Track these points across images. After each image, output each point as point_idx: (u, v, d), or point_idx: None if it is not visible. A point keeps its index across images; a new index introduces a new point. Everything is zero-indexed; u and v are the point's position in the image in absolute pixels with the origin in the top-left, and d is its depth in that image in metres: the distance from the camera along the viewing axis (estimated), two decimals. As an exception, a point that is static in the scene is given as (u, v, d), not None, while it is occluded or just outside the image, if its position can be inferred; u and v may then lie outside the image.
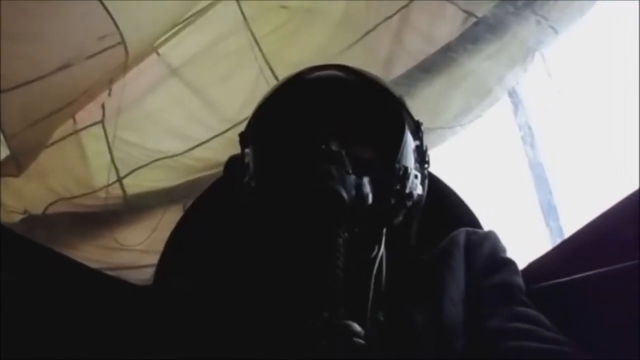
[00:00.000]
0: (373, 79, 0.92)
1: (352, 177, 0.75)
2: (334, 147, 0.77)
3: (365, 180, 0.76)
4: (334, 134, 0.80)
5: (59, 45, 2.15)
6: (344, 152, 0.77)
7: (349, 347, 0.61)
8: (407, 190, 0.82)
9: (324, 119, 0.83)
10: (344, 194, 0.71)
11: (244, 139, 0.91)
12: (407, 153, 0.84)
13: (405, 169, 0.82)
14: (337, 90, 0.88)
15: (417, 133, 0.90)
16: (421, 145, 0.90)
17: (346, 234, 0.70)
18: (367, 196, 0.75)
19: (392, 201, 0.80)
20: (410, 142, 0.86)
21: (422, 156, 0.89)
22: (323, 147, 0.77)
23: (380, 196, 0.78)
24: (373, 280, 0.75)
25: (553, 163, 2.52)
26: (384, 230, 0.79)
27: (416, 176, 0.85)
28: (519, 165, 2.55)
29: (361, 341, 0.61)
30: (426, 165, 0.91)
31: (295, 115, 0.85)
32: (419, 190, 0.86)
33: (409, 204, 0.83)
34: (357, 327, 0.62)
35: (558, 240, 1.09)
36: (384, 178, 0.80)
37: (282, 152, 0.83)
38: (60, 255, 0.99)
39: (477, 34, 2.45)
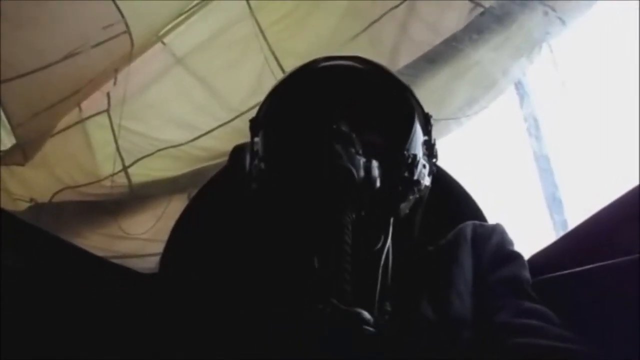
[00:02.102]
0: (386, 70, 0.92)
1: (362, 159, 0.75)
2: (344, 128, 0.77)
3: (374, 163, 0.77)
4: (344, 117, 0.80)
5: (64, 34, 2.16)
6: (354, 135, 0.77)
7: (360, 335, 0.61)
8: (415, 178, 0.82)
9: (334, 104, 0.84)
10: (354, 171, 0.72)
11: (255, 125, 0.91)
12: (416, 143, 0.85)
13: (414, 156, 0.83)
14: (348, 77, 0.89)
15: (427, 127, 0.90)
16: (430, 139, 0.90)
17: (354, 215, 0.71)
18: (375, 179, 0.76)
19: (400, 188, 0.80)
20: (419, 133, 0.87)
21: (430, 150, 0.89)
22: (334, 127, 0.78)
23: (388, 181, 0.78)
24: (381, 271, 0.75)
25: (558, 155, 2.50)
26: (391, 221, 0.79)
27: (424, 166, 0.85)
28: (524, 157, 2.54)
29: (371, 329, 0.62)
30: (434, 160, 0.91)
31: (307, 101, 0.86)
32: (426, 181, 0.86)
33: (416, 193, 0.83)
34: (367, 315, 0.62)
35: (562, 233, 1.08)
36: (393, 164, 0.80)
37: (292, 134, 0.83)
38: (67, 242, 0.99)
39: (483, 24, 2.43)
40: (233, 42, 2.66)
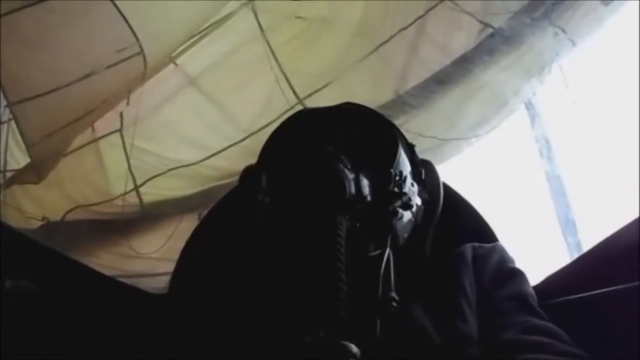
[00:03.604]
0: (372, 110, 0.98)
1: (352, 175, 0.78)
2: (334, 150, 0.82)
3: (364, 180, 0.80)
4: (333, 142, 0.85)
5: (78, 55, 2.19)
6: (343, 156, 0.81)
7: None
8: (404, 192, 0.84)
9: (326, 136, 0.89)
10: (345, 182, 0.76)
11: (257, 167, 0.95)
12: (402, 164, 0.88)
13: (401, 172, 0.85)
14: (336, 116, 0.94)
15: (412, 157, 0.93)
16: (416, 168, 0.92)
17: (348, 224, 0.73)
18: (365, 192, 0.79)
19: (390, 200, 0.82)
20: (405, 159, 0.90)
21: (419, 177, 0.91)
22: (325, 148, 0.82)
23: (378, 195, 0.80)
24: (382, 276, 0.75)
25: (571, 176, 2.48)
26: (389, 236, 0.80)
27: (412, 184, 0.87)
28: (536, 178, 2.52)
29: None
30: (423, 183, 0.92)
31: (301, 139, 0.90)
32: (417, 200, 0.87)
33: (407, 209, 0.84)
34: (353, 348, 0.62)
35: (576, 255, 1.07)
36: (381, 179, 0.83)
37: (289, 165, 0.86)
38: (77, 262, 1.00)
39: (493, 45, 2.43)
40: (244, 62, 2.69)
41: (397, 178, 0.85)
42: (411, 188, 0.87)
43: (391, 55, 2.59)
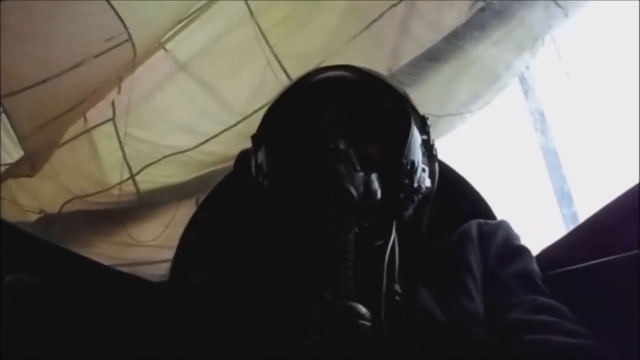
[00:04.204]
0: (378, 78, 0.93)
1: (361, 174, 0.76)
2: (342, 146, 0.78)
3: (374, 176, 0.78)
4: (341, 133, 0.81)
5: (67, 45, 2.17)
6: (351, 150, 0.78)
7: (354, 330, 0.61)
8: (416, 184, 0.83)
9: (331, 120, 0.85)
10: (353, 191, 0.73)
11: (256, 141, 0.93)
12: (414, 148, 0.85)
13: (413, 163, 0.83)
14: (343, 91, 0.90)
15: (424, 128, 0.91)
16: (428, 139, 0.91)
17: (357, 229, 0.71)
18: (375, 192, 0.77)
19: (401, 195, 0.81)
20: (417, 137, 0.87)
21: (429, 150, 0.90)
22: (331, 146, 0.78)
23: (389, 191, 0.78)
24: (386, 264, 0.75)
25: (566, 149, 2.49)
26: (394, 223, 0.80)
27: (424, 170, 0.86)
28: (531, 151, 2.52)
29: (367, 323, 0.61)
30: (434, 159, 0.91)
31: (304, 117, 0.87)
32: (427, 183, 0.87)
33: (418, 197, 0.84)
34: (362, 309, 0.62)
35: (572, 226, 1.08)
36: (392, 173, 0.81)
37: (292, 153, 0.84)
38: (76, 254, 1.00)
39: (483, 20, 2.42)
40: (235, 45, 2.66)
41: (409, 168, 0.83)
42: (422, 174, 0.85)
43: (382, 34, 2.57)
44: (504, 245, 0.87)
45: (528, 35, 2.43)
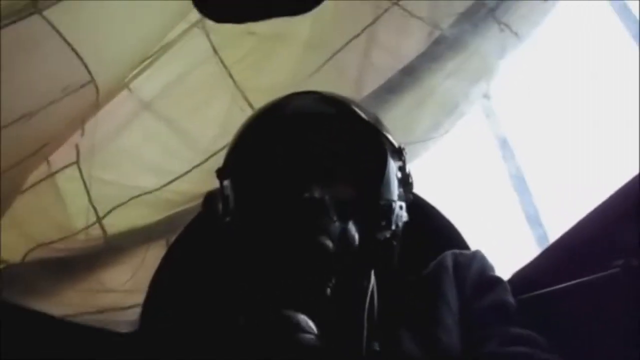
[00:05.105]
0: (348, 107, 0.91)
1: (337, 224, 0.74)
2: (316, 194, 0.76)
3: (350, 224, 0.76)
4: (314, 176, 0.79)
5: (26, 89, 2.13)
6: (327, 198, 0.75)
7: (297, 342, 0.59)
8: (393, 226, 0.82)
9: (303, 158, 0.83)
10: (329, 244, 0.71)
11: (222, 175, 0.91)
12: (390, 184, 0.85)
13: (390, 204, 0.82)
14: (314, 125, 0.88)
15: (399, 156, 0.90)
16: (404, 167, 0.90)
17: (334, 281, 0.70)
18: (353, 240, 0.75)
19: (379, 238, 0.80)
20: (393, 170, 0.87)
21: (405, 179, 0.90)
22: (306, 195, 0.76)
23: (366, 236, 0.77)
24: (366, 311, 0.74)
25: (533, 172, 2.54)
26: (372, 270, 0.79)
27: (401, 207, 0.85)
28: (498, 176, 2.57)
29: (311, 336, 0.60)
30: (410, 188, 0.91)
31: (272, 155, 0.86)
32: (404, 219, 0.86)
33: (397, 238, 0.83)
34: (301, 319, 0.61)
35: (542, 248, 1.09)
36: (369, 217, 0.80)
37: (262, 194, 0.83)
38: (39, 313, 0.97)
39: (438, 52, 2.49)
40: (199, 82, 2.66)
41: (386, 209, 0.82)
42: (399, 212, 0.85)
43: (345, 65, 2.61)
44: (479, 277, 0.87)
45: (483, 64, 2.51)
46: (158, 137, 2.67)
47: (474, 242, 1.03)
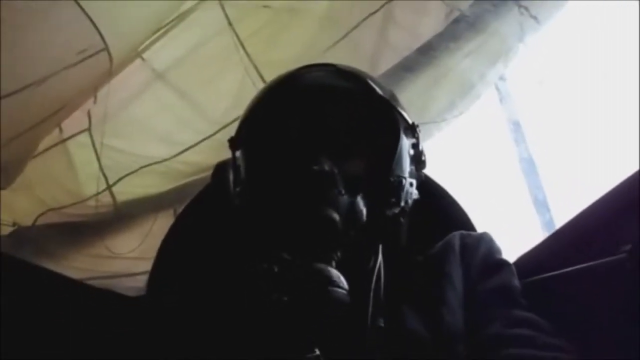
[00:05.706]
0: (364, 81, 0.89)
1: (345, 198, 0.74)
2: (326, 167, 0.75)
3: (359, 198, 0.75)
4: (325, 148, 0.78)
5: (41, 55, 2.13)
6: (336, 171, 0.75)
7: (326, 297, 0.60)
8: (402, 203, 0.81)
9: (314, 130, 0.82)
10: (336, 217, 0.71)
11: (234, 144, 0.91)
12: (401, 161, 0.83)
13: (400, 180, 0.81)
14: (327, 97, 0.86)
15: (413, 135, 0.89)
16: (417, 148, 0.89)
17: (339, 255, 0.70)
18: (360, 215, 0.75)
19: (388, 214, 0.79)
20: (405, 147, 0.85)
21: (418, 159, 0.88)
22: (315, 167, 0.75)
23: (374, 211, 0.77)
24: (373, 289, 0.74)
25: (542, 156, 2.52)
26: (380, 244, 0.79)
27: (411, 184, 0.84)
28: (508, 159, 2.56)
29: (343, 291, 0.60)
30: (422, 166, 0.90)
31: (285, 126, 0.84)
32: (414, 196, 0.85)
33: (405, 215, 0.82)
34: (334, 273, 0.61)
35: (548, 234, 1.09)
36: (379, 191, 0.79)
37: (273, 165, 0.82)
38: (49, 271, 0.98)
39: (457, 31, 2.45)
40: (213, 54, 2.65)
41: (396, 185, 0.81)
42: (409, 189, 0.83)
43: (360, 42, 2.58)
44: (485, 259, 0.86)
45: (501, 46, 2.47)
46: (170, 107, 2.68)
47: (481, 224, 1.03)
